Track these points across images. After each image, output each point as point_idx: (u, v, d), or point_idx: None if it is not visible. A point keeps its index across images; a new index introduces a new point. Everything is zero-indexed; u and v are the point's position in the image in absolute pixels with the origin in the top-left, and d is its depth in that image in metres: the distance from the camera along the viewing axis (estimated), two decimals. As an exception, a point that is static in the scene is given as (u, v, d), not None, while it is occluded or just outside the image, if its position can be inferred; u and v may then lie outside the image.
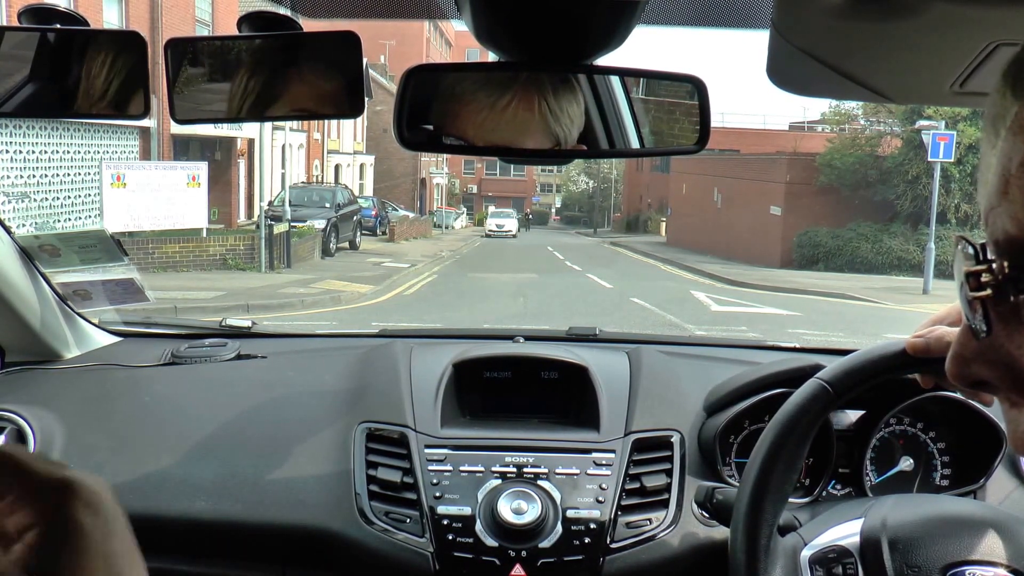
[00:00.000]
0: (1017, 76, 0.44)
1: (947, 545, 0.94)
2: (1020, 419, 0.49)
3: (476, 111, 0.95)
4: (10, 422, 1.45)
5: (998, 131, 0.45)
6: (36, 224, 13.83)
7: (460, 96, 0.96)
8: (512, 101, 0.94)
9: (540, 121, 0.95)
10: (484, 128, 0.95)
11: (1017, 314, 0.45)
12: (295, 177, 23.72)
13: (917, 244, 19.17)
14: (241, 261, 14.46)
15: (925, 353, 0.92)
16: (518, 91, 0.94)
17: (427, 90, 0.96)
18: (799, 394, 1.00)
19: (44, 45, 1.06)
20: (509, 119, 0.94)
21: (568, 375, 1.54)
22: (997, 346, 0.47)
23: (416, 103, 0.96)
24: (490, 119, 0.94)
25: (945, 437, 1.46)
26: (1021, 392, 0.48)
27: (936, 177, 16.58)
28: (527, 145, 0.96)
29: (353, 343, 1.85)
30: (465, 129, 0.96)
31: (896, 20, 0.75)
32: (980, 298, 0.47)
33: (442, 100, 0.96)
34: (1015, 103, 0.44)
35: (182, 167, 15.40)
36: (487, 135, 0.95)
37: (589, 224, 45.84)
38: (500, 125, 0.95)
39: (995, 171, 0.45)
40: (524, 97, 0.94)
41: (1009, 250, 0.44)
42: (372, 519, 1.33)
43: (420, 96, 0.96)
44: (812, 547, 1.01)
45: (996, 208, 0.45)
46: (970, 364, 0.50)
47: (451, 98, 0.96)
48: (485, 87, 0.94)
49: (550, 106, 0.94)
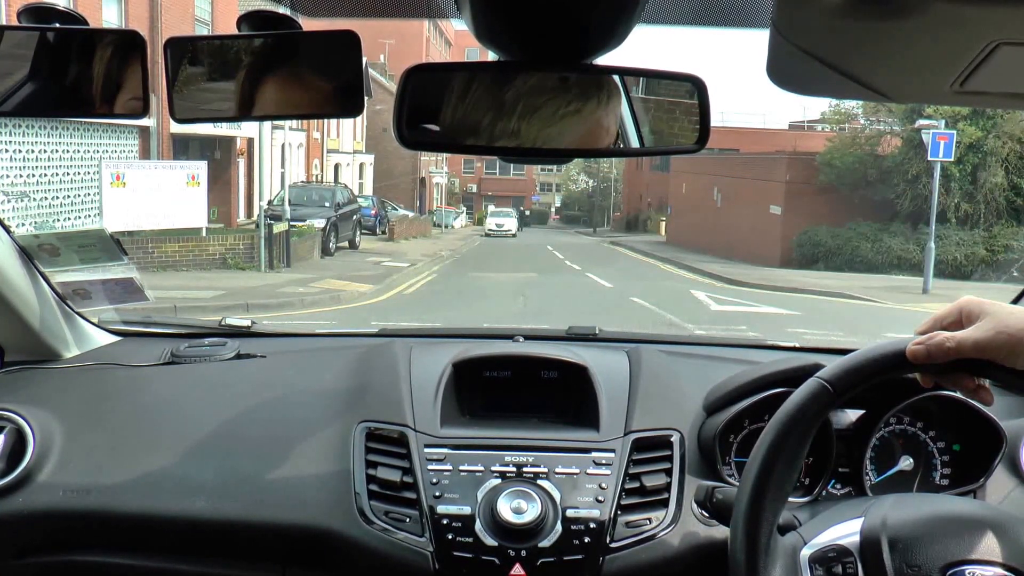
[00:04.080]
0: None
1: (947, 544, 0.94)
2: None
3: (486, 119, 0.95)
4: (10, 421, 1.45)
5: None
6: (35, 224, 13.82)
7: (467, 100, 0.95)
8: (526, 112, 0.94)
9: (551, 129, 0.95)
10: (492, 134, 0.95)
11: None
12: (295, 176, 23.69)
13: (917, 243, 19.15)
14: (241, 260, 14.44)
15: (926, 360, 0.93)
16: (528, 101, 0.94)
17: (427, 89, 0.96)
18: (799, 393, 1.00)
19: (44, 44, 1.06)
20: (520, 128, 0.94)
21: (568, 374, 1.54)
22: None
23: (416, 102, 0.96)
24: (501, 129, 0.94)
25: (945, 436, 1.46)
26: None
27: (936, 176, 16.57)
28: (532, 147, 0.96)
29: (353, 342, 1.85)
30: (472, 133, 0.96)
31: (896, 19, 0.75)
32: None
33: (448, 103, 0.96)
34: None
35: (181, 166, 15.39)
36: (493, 140, 0.95)
37: (589, 223, 45.81)
38: (508, 132, 0.95)
39: None
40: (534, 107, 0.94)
41: None
42: (372, 519, 1.33)
43: (420, 95, 0.96)
44: (812, 546, 1.01)
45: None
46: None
47: (459, 102, 0.96)
48: (497, 95, 0.94)
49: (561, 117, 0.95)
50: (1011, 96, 0.95)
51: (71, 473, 1.42)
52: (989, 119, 19.13)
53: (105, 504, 1.38)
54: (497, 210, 38.21)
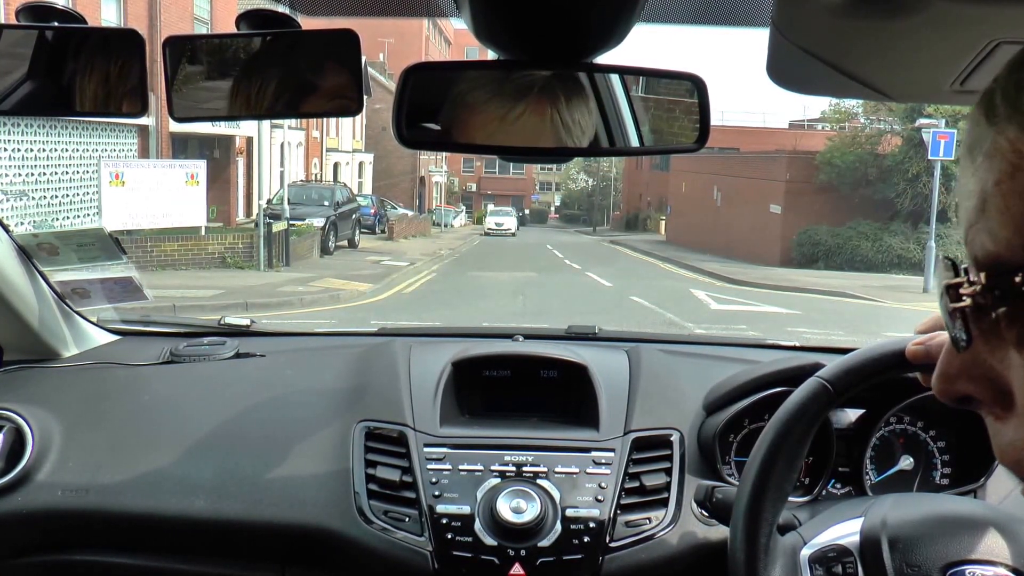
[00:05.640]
0: (990, 105, 0.47)
1: (947, 544, 0.94)
2: (1004, 431, 0.50)
3: (486, 118, 0.95)
4: (9, 421, 1.45)
5: (975, 157, 0.47)
6: (34, 223, 13.81)
7: (466, 99, 0.95)
8: (524, 112, 0.94)
9: (551, 129, 0.95)
10: (491, 133, 0.95)
11: (997, 329, 0.47)
12: (294, 175, 23.68)
13: (917, 243, 19.17)
14: (240, 259, 14.44)
15: (925, 360, 0.92)
16: (531, 101, 0.94)
17: (426, 88, 0.96)
18: (799, 393, 1.00)
19: (42, 43, 1.06)
20: (520, 127, 0.94)
21: (568, 374, 1.54)
22: (980, 361, 0.50)
23: (415, 101, 0.95)
24: (501, 128, 0.94)
25: (945, 436, 1.45)
26: (1004, 406, 0.49)
27: (937, 175, 16.58)
28: (532, 146, 0.96)
29: (352, 342, 1.84)
30: (471, 132, 0.96)
31: (897, 18, 0.75)
32: (960, 308, 0.49)
33: (448, 102, 0.96)
34: (990, 130, 0.46)
35: (180, 165, 15.36)
36: (493, 139, 0.95)
37: (588, 222, 45.82)
38: (508, 131, 0.95)
39: (973, 192, 0.47)
40: (536, 107, 0.94)
41: (987, 264, 0.46)
42: (371, 518, 1.32)
43: (419, 94, 0.96)
44: (812, 546, 1.01)
45: (975, 226, 0.47)
46: (955, 381, 0.53)
47: (458, 101, 0.95)
48: (496, 94, 0.94)
49: (562, 117, 0.94)
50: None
51: (70, 472, 1.41)
52: (990, 119, 19.11)
53: (104, 503, 1.38)
54: (496, 209, 38.21)
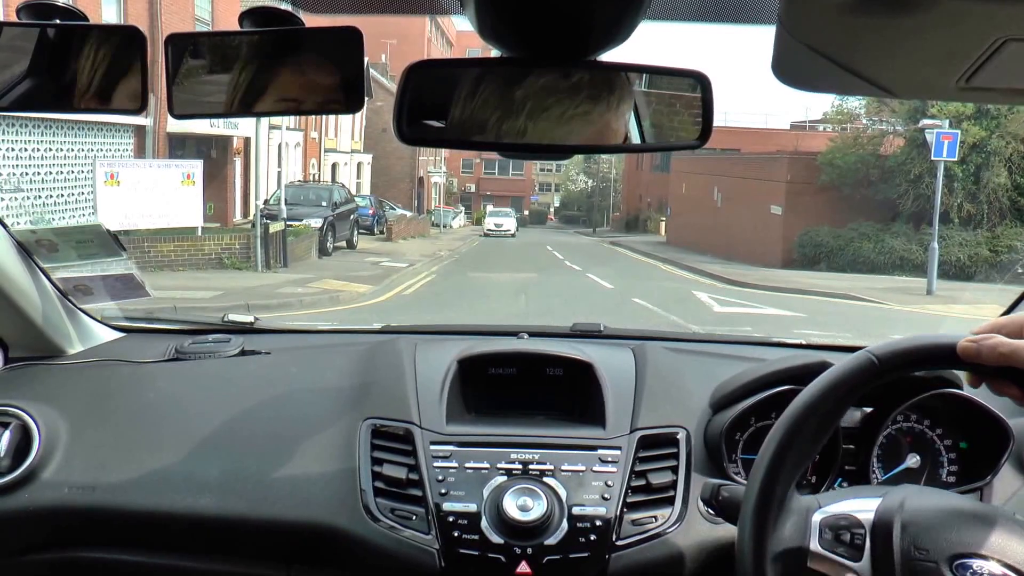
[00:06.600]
0: None
1: (959, 536, 0.93)
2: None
3: (486, 115, 0.94)
4: (15, 418, 1.45)
5: None
6: (31, 220, 13.75)
7: (467, 96, 0.95)
8: (525, 109, 0.94)
9: (552, 126, 0.95)
10: (491, 130, 0.95)
11: None
12: (292, 176, 23.64)
13: (919, 244, 19.12)
14: (237, 260, 14.35)
15: (975, 358, 0.92)
16: (532, 98, 0.93)
17: (428, 86, 0.96)
18: (846, 363, 0.98)
19: (43, 40, 1.06)
20: (520, 124, 0.94)
21: (573, 372, 1.54)
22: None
23: (417, 99, 0.95)
24: (501, 125, 0.94)
25: (952, 434, 1.45)
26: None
27: (939, 176, 16.53)
28: (532, 143, 0.95)
29: (357, 339, 1.84)
30: (471, 129, 0.96)
31: (903, 15, 0.75)
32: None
33: (449, 100, 0.96)
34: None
35: (176, 165, 15.20)
36: (493, 136, 0.95)
37: (588, 223, 45.78)
38: (508, 128, 0.95)
39: None
40: (537, 104, 0.94)
41: None
42: (377, 516, 1.32)
43: (421, 92, 0.96)
44: (825, 512, 1.00)
45: None
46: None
47: (459, 99, 0.95)
48: (497, 92, 0.94)
49: (563, 113, 0.94)
50: (1017, 92, 0.95)
51: (76, 470, 1.41)
52: (993, 119, 19.12)
53: (110, 501, 1.38)
54: (496, 210, 38.19)
